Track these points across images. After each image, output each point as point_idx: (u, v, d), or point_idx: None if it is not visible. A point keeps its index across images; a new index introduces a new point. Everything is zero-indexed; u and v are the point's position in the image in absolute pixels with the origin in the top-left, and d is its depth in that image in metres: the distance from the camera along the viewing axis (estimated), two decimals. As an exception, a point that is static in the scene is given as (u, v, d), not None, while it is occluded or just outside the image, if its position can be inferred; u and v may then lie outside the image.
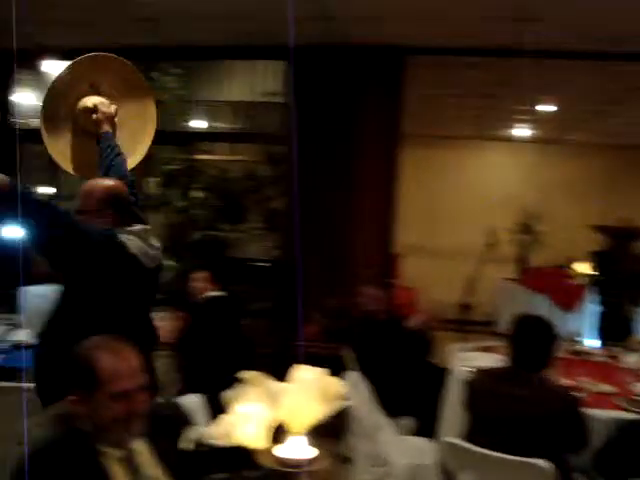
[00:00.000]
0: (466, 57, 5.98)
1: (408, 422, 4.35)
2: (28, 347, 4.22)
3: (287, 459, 1.12)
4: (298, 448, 1.15)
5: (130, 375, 1.83)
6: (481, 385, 3.14)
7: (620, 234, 6.09)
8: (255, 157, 7.70)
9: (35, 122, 7.62)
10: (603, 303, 5.91)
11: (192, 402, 3.46)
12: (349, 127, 5.95)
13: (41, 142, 7.48)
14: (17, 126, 7.14)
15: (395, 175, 6.16)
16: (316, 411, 1.18)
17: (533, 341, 3.03)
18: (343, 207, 5.94)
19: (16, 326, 4.67)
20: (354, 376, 3.86)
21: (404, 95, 6.14)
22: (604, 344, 5.20)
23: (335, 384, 1.23)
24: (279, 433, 1.21)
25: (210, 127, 8.23)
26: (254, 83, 7.01)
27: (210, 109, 8.09)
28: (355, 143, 5.97)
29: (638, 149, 10.47)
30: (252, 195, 7.62)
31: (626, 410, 3.42)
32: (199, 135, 7.85)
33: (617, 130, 9.33)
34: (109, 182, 2.95)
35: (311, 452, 1.15)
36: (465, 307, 6.37)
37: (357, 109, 5.97)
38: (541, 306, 8.64)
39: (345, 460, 3.94)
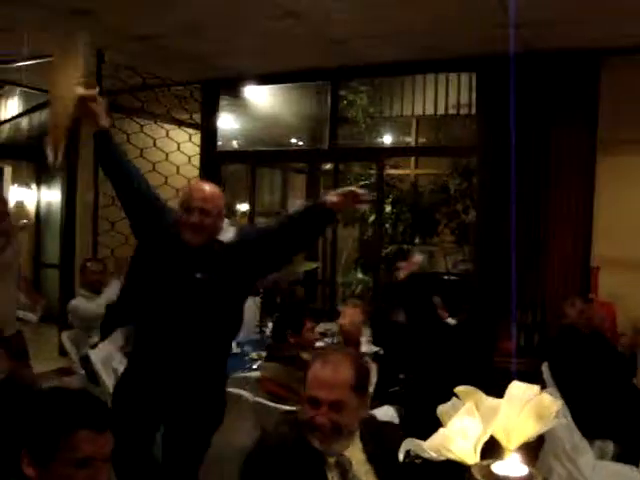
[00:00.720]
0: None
1: (608, 446, 4.11)
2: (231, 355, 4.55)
3: (503, 476, 1.14)
4: (511, 465, 1.16)
5: (325, 386, 1.93)
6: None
7: None
8: (444, 170, 7.70)
9: (234, 144, 8.18)
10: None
11: (387, 414, 3.53)
12: (543, 136, 5.78)
13: (238, 161, 7.93)
14: (220, 148, 7.67)
15: (593, 184, 5.89)
16: (529, 428, 1.18)
17: None
18: (538, 219, 5.77)
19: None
20: (552, 393, 3.72)
21: (600, 100, 5.85)
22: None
23: (549, 401, 1.22)
24: (488, 449, 1.22)
25: (399, 142, 8.34)
26: (442, 96, 7.02)
27: (399, 124, 8.22)
28: (550, 152, 5.78)
29: None
30: (442, 208, 7.61)
31: None
32: (388, 150, 7.97)
33: None
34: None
35: (523, 470, 1.15)
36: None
37: (551, 117, 5.78)
38: None
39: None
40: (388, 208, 7.69)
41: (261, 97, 7.84)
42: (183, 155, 7.62)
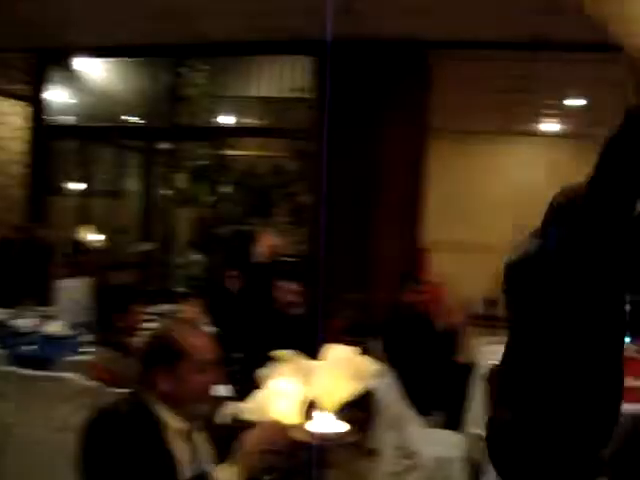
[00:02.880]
0: (494, 50, 5.93)
1: (435, 416, 4.35)
2: (61, 338, 4.35)
3: (319, 433, 1.16)
4: (329, 423, 1.19)
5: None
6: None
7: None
8: (283, 152, 7.75)
9: (67, 119, 7.76)
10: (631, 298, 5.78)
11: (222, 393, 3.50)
12: (377, 122, 5.96)
13: (70, 137, 7.51)
14: (51, 122, 7.25)
15: (423, 170, 6.16)
16: (347, 388, 1.22)
17: None
18: (370, 202, 5.95)
19: (49, 318, 4.78)
20: (384, 369, 3.87)
21: (432, 90, 6.13)
22: (634, 339, 5.14)
23: (366, 362, 1.26)
24: (311, 410, 1.24)
25: (238, 123, 8.29)
26: (282, 78, 7.05)
27: (238, 105, 8.16)
28: (382, 138, 5.97)
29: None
30: (279, 190, 7.67)
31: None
32: (227, 130, 7.92)
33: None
34: None
35: (341, 427, 1.19)
36: (492, 302, 6.33)
37: (385, 104, 5.97)
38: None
39: (372, 452, 3.96)
40: (226, 189, 7.65)
41: (97, 71, 7.47)
42: (6, 127, 7.14)
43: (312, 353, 1.38)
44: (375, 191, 5.94)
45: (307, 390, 1.23)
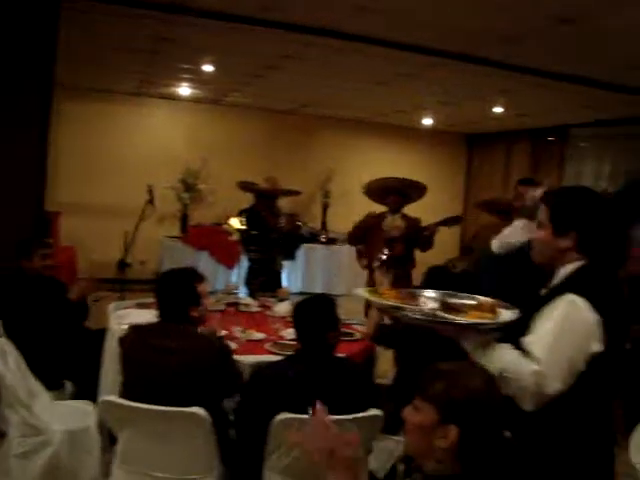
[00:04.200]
0: (131, 8, 5.75)
1: (67, 388, 4.22)
2: None
3: None
4: None
5: None
6: (134, 340, 3.14)
7: (263, 193, 6.37)
8: None
9: None
10: (255, 257, 6.22)
11: None
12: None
13: None
14: None
15: (48, 129, 5.76)
16: None
17: (172, 294, 3.14)
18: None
19: None
20: (1, 343, 3.60)
21: (60, 43, 5.74)
22: (258, 295, 5.55)
23: None
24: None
25: None
26: None
27: None
28: (4, 93, 5.44)
29: (290, 114, 11.26)
30: None
31: (273, 353, 3.67)
32: None
33: (271, 95, 9.89)
34: None
35: None
36: (124, 265, 6.25)
37: (7, 55, 5.42)
38: (204, 262, 8.95)
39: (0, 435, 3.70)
40: None
41: None
42: None
43: None
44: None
45: None
